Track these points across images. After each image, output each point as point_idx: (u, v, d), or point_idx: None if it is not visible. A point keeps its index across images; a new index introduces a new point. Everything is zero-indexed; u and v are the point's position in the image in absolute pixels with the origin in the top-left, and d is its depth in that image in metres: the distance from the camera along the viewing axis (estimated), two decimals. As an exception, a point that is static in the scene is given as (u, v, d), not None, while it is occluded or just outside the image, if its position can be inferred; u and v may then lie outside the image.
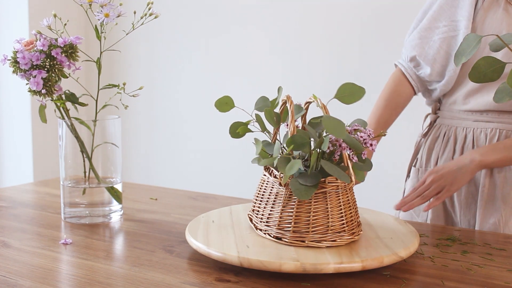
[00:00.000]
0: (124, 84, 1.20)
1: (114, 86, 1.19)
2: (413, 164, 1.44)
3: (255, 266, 0.89)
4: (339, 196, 0.97)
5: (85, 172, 1.21)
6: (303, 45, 2.47)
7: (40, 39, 1.13)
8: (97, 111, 1.21)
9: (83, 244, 1.06)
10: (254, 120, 1.06)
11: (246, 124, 1.06)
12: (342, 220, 0.97)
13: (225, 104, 1.06)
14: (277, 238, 0.97)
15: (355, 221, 1.00)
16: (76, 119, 1.18)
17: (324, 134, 1.00)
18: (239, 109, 1.07)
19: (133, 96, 1.20)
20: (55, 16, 1.15)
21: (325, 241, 0.95)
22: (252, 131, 1.06)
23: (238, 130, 1.05)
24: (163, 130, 2.87)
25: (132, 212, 1.28)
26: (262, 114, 1.07)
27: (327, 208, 0.96)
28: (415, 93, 1.41)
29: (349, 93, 0.99)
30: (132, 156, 2.93)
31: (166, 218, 1.23)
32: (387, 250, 0.94)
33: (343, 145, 0.96)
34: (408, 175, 1.46)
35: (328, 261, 0.89)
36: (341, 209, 0.97)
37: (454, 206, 1.35)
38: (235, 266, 0.92)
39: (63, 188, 1.20)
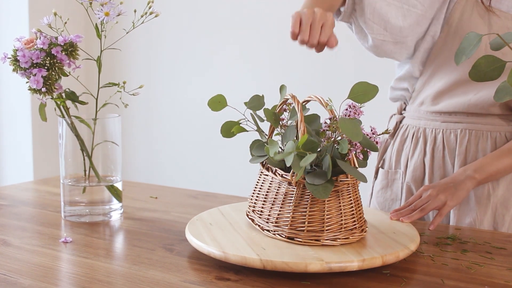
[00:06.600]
0: (124, 82, 1.20)
1: (114, 84, 1.19)
2: (380, 165, 1.42)
3: (280, 268, 0.88)
4: (350, 193, 0.97)
5: (85, 171, 1.21)
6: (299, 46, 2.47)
7: (40, 38, 1.13)
8: (97, 109, 1.21)
9: (83, 243, 1.06)
10: (246, 119, 1.05)
11: (238, 123, 1.05)
12: (354, 217, 0.97)
13: (217, 103, 1.06)
14: (289, 238, 0.97)
15: (363, 218, 1.01)
16: (76, 117, 1.18)
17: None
18: (239, 108, 1.07)
19: (133, 94, 1.20)
20: (55, 14, 1.15)
21: (339, 239, 0.95)
22: (247, 131, 1.06)
23: (232, 130, 1.04)
24: (163, 129, 2.87)
25: (132, 210, 1.28)
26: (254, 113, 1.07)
27: (340, 206, 0.96)
28: None
29: (363, 92, 0.96)
30: (132, 155, 2.93)
31: (166, 217, 1.23)
32: (398, 244, 0.95)
33: (358, 145, 0.96)
34: (375, 176, 1.43)
35: (351, 259, 0.89)
36: (352, 207, 0.97)
37: None
38: (235, 264, 0.92)
39: (63, 186, 1.20)
